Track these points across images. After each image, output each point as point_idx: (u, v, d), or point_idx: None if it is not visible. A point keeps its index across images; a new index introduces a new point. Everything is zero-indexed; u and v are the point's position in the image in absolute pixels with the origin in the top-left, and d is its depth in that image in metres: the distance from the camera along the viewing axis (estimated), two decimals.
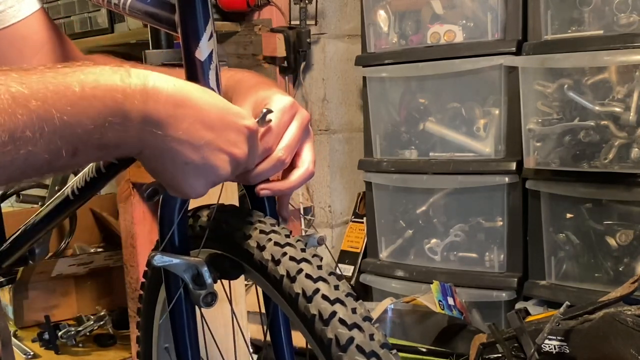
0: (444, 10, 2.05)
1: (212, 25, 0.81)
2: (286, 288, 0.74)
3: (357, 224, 2.43)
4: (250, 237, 0.79)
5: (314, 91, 2.39)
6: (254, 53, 2.30)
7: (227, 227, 0.83)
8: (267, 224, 0.81)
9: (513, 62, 1.86)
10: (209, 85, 0.80)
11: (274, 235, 0.78)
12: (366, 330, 0.70)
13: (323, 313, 0.70)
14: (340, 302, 0.71)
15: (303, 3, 2.23)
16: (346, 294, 0.73)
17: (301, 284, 0.73)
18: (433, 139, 2.12)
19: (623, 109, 1.70)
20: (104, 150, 0.64)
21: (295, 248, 0.77)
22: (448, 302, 1.86)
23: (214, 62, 0.81)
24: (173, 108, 0.65)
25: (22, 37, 0.95)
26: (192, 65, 0.81)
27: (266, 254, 0.77)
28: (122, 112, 0.62)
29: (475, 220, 2.07)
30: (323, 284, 0.73)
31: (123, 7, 0.98)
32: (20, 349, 1.97)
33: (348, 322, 0.69)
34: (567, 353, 1.39)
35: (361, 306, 0.72)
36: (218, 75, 0.81)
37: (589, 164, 1.75)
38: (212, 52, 0.81)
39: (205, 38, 0.80)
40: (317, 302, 0.71)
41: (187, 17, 0.81)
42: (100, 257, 2.20)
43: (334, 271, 0.76)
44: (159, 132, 0.64)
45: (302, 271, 0.74)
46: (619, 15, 1.72)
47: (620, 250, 1.79)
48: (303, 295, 0.72)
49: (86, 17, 2.61)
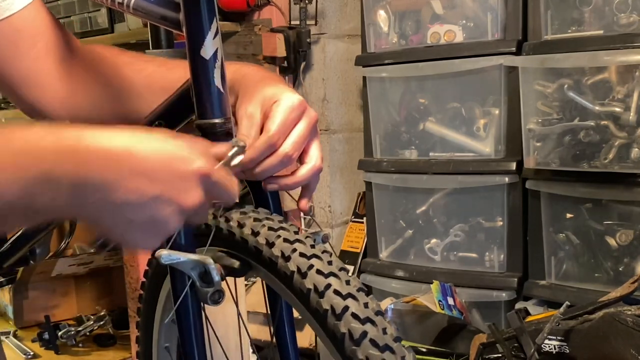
0: (444, 10, 2.05)
1: (217, 23, 0.82)
2: (297, 284, 0.74)
3: (357, 224, 2.43)
4: (258, 234, 0.79)
5: (314, 91, 2.39)
6: (254, 53, 2.30)
7: (234, 224, 0.83)
8: (275, 220, 0.81)
9: (513, 62, 1.86)
10: (214, 83, 0.80)
11: (283, 232, 0.78)
12: (379, 325, 0.70)
13: (335, 308, 0.71)
14: (352, 297, 0.72)
15: (303, 3, 2.23)
16: (357, 289, 0.74)
17: (312, 279, 0.73)
18: (433, 139, 2.12)
19: (623, 109, 1.70)
20: (35, 216, 0.61)
21: (305, 244, 0.77)
22: (448, 302, 1.86)
23: (219, 61, 0.81)
24: (110, 167, 0.61)
25: (17, 30, 0.92)
26: (197, 64, 0.82)
27: (276, 250, 0.77)
28: (51, 178, 0.58)
29: (475, 220, 2.07)
30: (334, 279, 0.73)
31: (127, 6, 0.98)
32: (20, 349, 1.97)
33: (361, 316, 0.70)
34: (567, 353, 1.39)
35: (372, 301, 0.73)
36: (223, 74, 0.81)
37: (589, 164, 1.75)
38: (217, 50, 0.81)
39: (210, 36, 0.81)
40: (329, 297, 0.72)
41: (192, 15, 0.81)
42: (100, 257, 2.20)
43: (344, 267, 0.76)
44: (96, 195, 0.60)
45: (313, 267, 0.74)
46: (619, 15, 1.72)
47: (620, 250, 1.79)
48: (315, 290, 0.72)
49: (86, 17, 2.60)
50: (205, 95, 0.84)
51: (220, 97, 0.84)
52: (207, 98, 0.85)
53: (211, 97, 0.84)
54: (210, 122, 0.85)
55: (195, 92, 0.85)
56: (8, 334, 2.07)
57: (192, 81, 0.85)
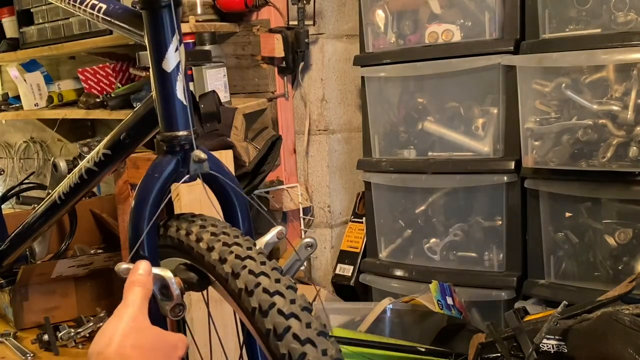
0: (441, 9, 2.05)
1: (179, 36, 0.83)
2: (231, 285, 0.77)
3: (357, 224, 2.43)
4: (213, 249, 0.82)
5: (312, 91, 2.39)
6: (252, 53, 2.30)
7: (193, 238, 0.84)
8: (231, 235, 0.83)
9: (511, 61, 1.86)
10: (176, 96, 0.82)
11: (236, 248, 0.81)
12: (303, 319, 0.72)
13: (262, 305, 0.73)
14: (279, 294, 0.73)
15: (301, 3, 2.23)
16: (287, 286, 0.75)
17: (244, 279, 0.75)
18: (432, 139, 2.12)
19: (621, 107, 1.70)
20: None
21: (242, 247, 0.79)
22: (447, 302, 1.86)
23: (181, 74, 0.82)
24: None
25: None
26: (159, 77, 0.82)
27: (215, 254, 0.79)
28: None
29: (474, 220, 2.06)
30: (264, 278, 0.75)
31: (97, 15, 0.99)
32: (20, 350, 1.97)
33: (286, 312, 0.72)
34: (565, 352, 1.39)
35: (301, 297, 0.75)
36: (186, 87, 0.82)
37: (587, 163, 1.75)
38: (179, 63, 0.82)
39: (172, 49, 0.81)
40: (257, 295, 0.73)
41: (154, 28, 0.82)
42: (100, 258, 2.20)
43: (277, 266, 0.77)
44: None
45: (245, 267, 0.77)
46: (617, 13, 1.71)
47: (619, 248, 1.79)
48: (245, 290, 0.74)
49: (85, 19, 2.60)
50: (167, 108, 0.85)
51: (183, 110, 0.85)
52: (170, 111, 0.85)
53: (174, 109, 0.85)
54: (174, 134, 0.86)
55: (158, 105, 0.86)
56: (8, 336, 2.07)
57: (155, 94, 0.86)
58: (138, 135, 1.05)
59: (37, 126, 3.22)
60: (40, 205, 1.38)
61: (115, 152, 1.13)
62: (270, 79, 2.31)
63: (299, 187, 2.41)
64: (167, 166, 0.92)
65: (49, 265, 2.10)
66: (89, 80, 2.54)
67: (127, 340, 0.74)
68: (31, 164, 3.38)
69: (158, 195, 0.92)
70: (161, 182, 0.92)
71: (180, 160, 0.92)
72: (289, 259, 0.88)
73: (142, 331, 0.76)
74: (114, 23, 0.99)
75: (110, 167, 1.18)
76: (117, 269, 0.81)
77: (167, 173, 0.92)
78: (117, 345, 0.73)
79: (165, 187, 0.93)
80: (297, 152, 2.44)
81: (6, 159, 3.53)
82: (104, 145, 1.14)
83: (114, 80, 2.49)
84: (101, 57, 2.60)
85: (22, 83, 2.76)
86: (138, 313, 0.77)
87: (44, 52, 2.60)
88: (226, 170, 0.97)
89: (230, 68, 2.24)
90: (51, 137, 3.10)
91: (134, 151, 1.17)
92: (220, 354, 1.08)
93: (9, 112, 2.92)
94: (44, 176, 3.22)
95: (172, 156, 0.92)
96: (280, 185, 2.38)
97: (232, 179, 0.97)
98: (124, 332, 0.75)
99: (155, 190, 0.91)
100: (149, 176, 0.93)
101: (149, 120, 0.97)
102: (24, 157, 3.44)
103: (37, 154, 3.34)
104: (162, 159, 0.93)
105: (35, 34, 2.65)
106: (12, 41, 2.76)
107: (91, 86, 2.54)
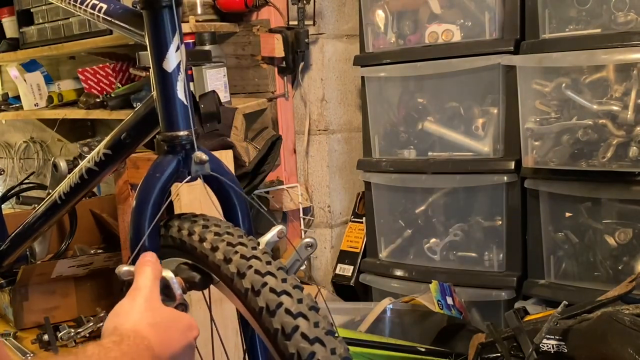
0: (441, 9, 2.05)
1: (179, 36, 0.82)
2: (237, 285, 0.76)
3: (357, 224, 2.43)
4: (217, 249, 0.81)
5: (312, 91, 2.39)
6: (252, 53, 2.30)
7: (196, 238, 0.84)
8: (235, 235, 0.83)
9: (511, 61, 1.86)
10: (177, 96, 0.82)
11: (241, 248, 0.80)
12: (311, 319, 0.72)
13: (270, 305, 0.72)
14: (286, 294, 0.73)
15: (301, 3, 2.23)
16: (294, 285, 0.74)
17: (250, 279, 0.75)
18: (432, 139, 2.12)
19: (621, 107, 1.70)
20: None
21: (247, 247, 0.79)
22: (447, 302, 1.86)
23: (182, 73, 0.82)
24: None
25: None
26: (160, 77, 0.82)
27: (219, 254, 0.79)
28: None
29: (475, 220, 2.06)
30: (271, 278, 0.75)
31: (97, 15, 0.99)
32: (20, 350, 1.97)
33: (293, 311, 0.72)
34: (565, 352, 1.39)
35: (308, 297, 0.75)
36: (187, 86, 0.82)
37: (587, 163, 1.75)
38: (179, 63, 0.82)
39: (172, 49, 0.81)
40: (264, 294, 0.73)
41: (154, 28, 0.82)
42: (100, 258, 2.20)
43: (282, 266, 0.77)
44: None
45: (251, 267, 0.76)
46: (617, 13, 1.71)
47: (620, 248, 1.79)
48: (252, 289, 0.74)
49: (85, 19, 2.61)
50: (168, 108, 0.85)
51: (184, 110, 0.85)
52: (170, 111, 0.86)
53: (175, 109, 0.85)
54: (175, 134, 0.86)
55: (159, 105, 0.86)
56: (8, 336, 2.07)
57: (155, 94, 0.86)
58: (138, 135, 1.05)
59: (37, 126, 3.22)
60: (41, 205, 1.38)
61: (116, 152, 1.13)
62: (270, 79, 2.31)
63: (299, 187, 2.42)
64: (168, 166, 0.93)
65: (49, 265, 2.10)
66: (89, 80, 2.54)
67: (143, 319, 0.75)
68: (31, 164, 3.38)
69: (159, 195, 0.92)
70: (162, 182, 0.92)
71: (181, 160, 0.93)
72: (289, 259, 0.89)
73: (156, 310, 0.77)
74: (114, 23, 0.99)
75: (111, 167, 1.18)
76: (117, 271, 0.81)
77: (168, 173, 0.93)
78: (134, 322, 0.74)
79: (167, 187, 0.94)
80: (297, 152, 2.44)
81: (6, 159, 3.53)
82: (104, 145, 1.14)
83: (114, 80, 2.49)
84: (101, 57, 2.60)
85: (22, 83, 2.76)
86: (150, 294, 0.77)
87: (44, 52, 2.60)
88: (226, 170, 0.97)
89: (230, 68, 2.24)
90: (51, 137, 3.10)
91: (134, 151, 1.17)
92: (221, 353, 1.08)
93: (9, 112, 2.92)
94: (44, 176, 3.22)
95: (173, 156, 0.93)
96: (280, 185, 2.38)
97: (233, 179, 0.97)
98: (140, 310, 0.75)
99: (157, 190, 0.92)
100: (150, 176, 0.93)
101: (149, 120, 0.97)
102: (24, 157, 3.44)
103: (37, 154, 3.34)
104: (163, 159, 0.93)
105: (35, 34, 2.65)
106: (12, 41, 2.76)
107: (91, 86, 2.54)
